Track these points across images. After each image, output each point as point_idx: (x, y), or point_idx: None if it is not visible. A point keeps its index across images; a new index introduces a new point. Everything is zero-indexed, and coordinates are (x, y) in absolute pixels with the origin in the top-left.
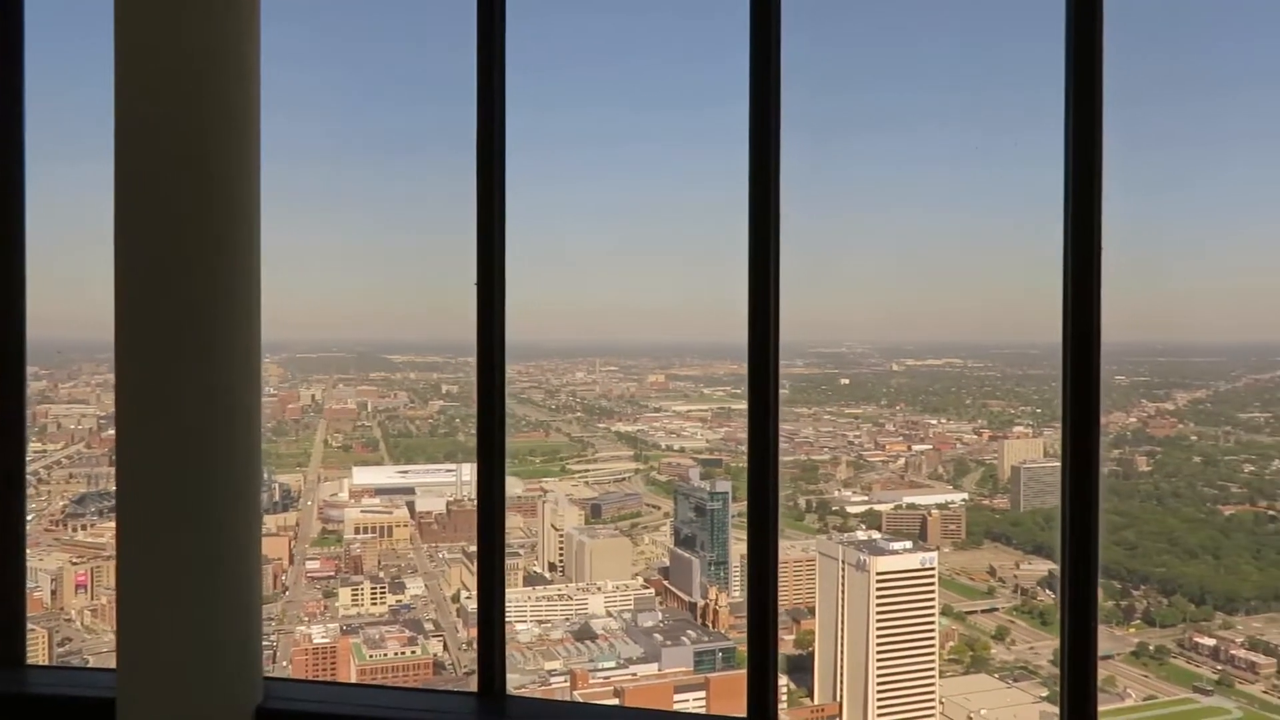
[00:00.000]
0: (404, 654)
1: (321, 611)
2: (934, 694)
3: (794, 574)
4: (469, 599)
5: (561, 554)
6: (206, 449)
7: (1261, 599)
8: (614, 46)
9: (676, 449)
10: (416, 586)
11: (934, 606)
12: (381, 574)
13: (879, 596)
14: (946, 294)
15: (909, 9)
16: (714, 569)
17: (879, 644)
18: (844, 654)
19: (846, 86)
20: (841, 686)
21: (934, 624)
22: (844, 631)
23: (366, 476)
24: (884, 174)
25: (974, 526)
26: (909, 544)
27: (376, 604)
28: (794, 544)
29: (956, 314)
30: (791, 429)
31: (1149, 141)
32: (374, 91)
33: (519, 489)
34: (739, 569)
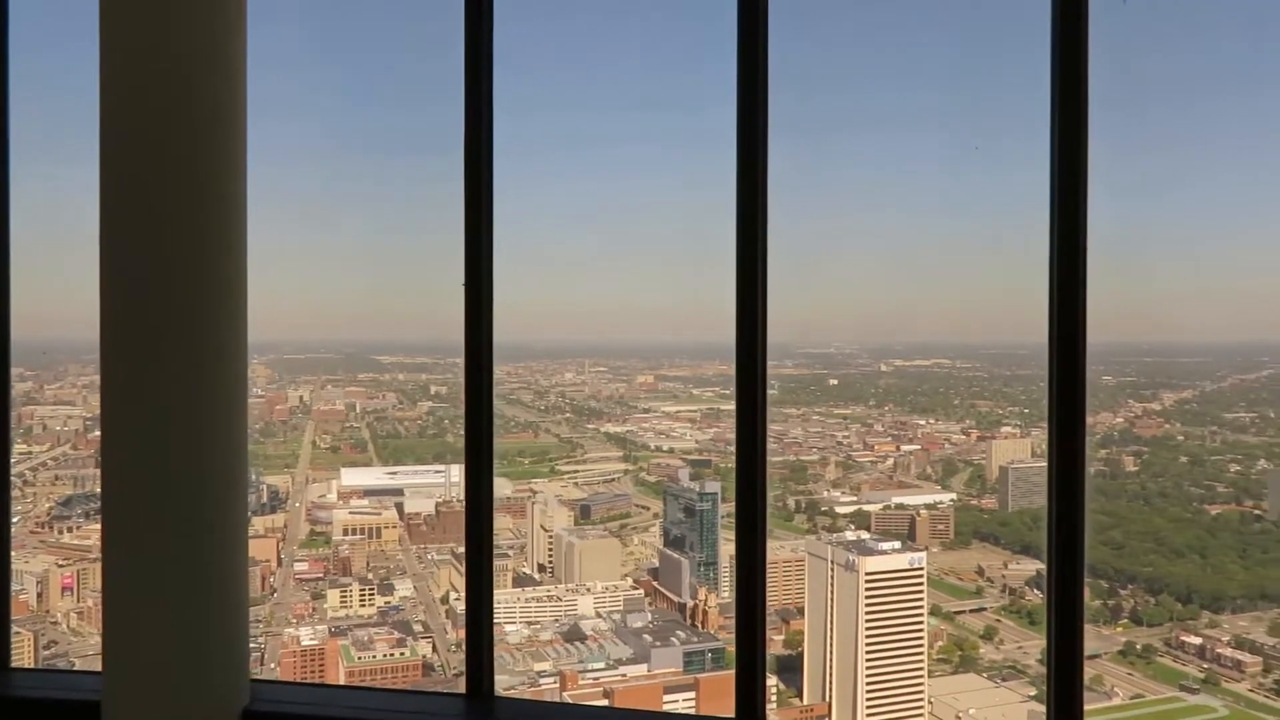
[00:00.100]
0: (393, 656)
1: (310, 613)
2: (923, 694)
3: (783, 574)
4: (458, 600)
5: (551, 555)
6: (192, 450)
7: (1247, 598)
8: (603, 49)
9: (666, 450)
10: (405, 588)
11: (923, 606)
12: (370, 575)
13: (868, 597)
14: (935, 295)
15: (897, 11)
16: (703, 570)
17: (868, 644)
18: (833, 654)
19: (834, 88)
20: (831, 686)
21: (923, 624)
22: (833, 631)
23: (355, 478)
24: (872, 175)
25: (962, 526)
26: (898, 544)
27: (365, 606)
28: (783, 544)
29: (944, 315)
30: (780, 429)
31: (1135, 144)
32: (361, 93)
33: (508, 490)
34: (728, 570)
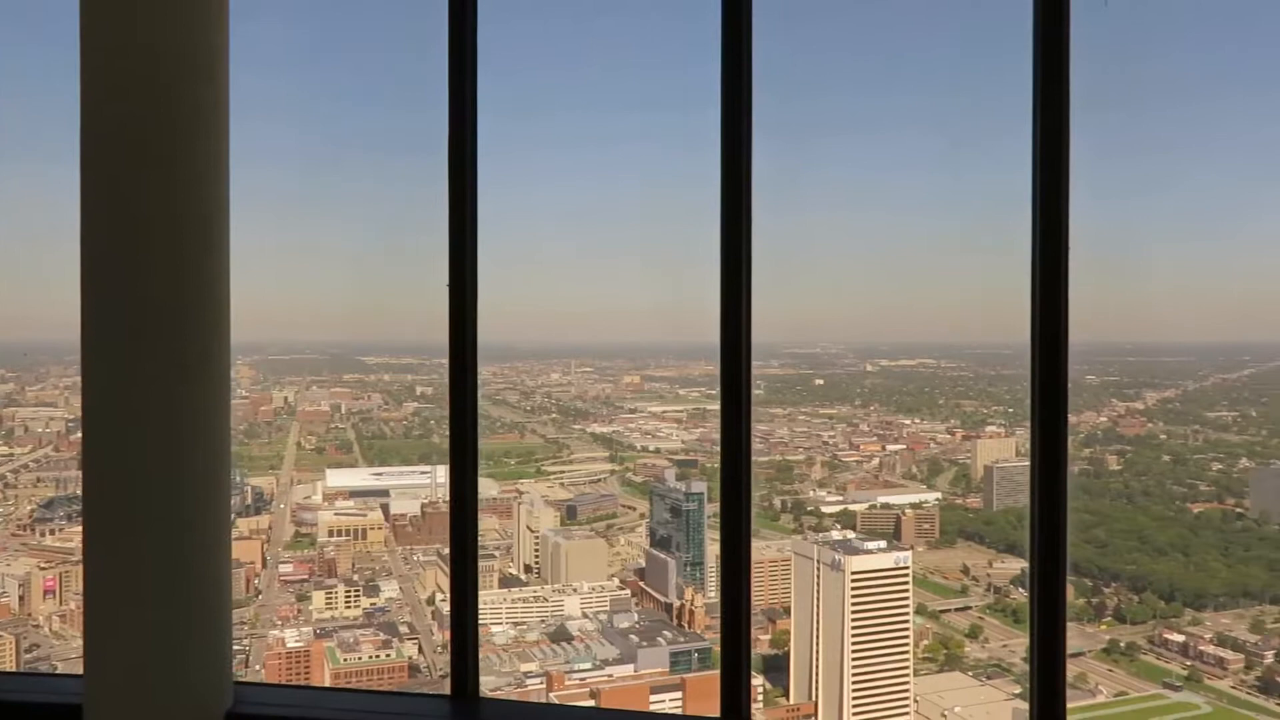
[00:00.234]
0: (379, 657)
1: (295, 615)
2: (908, 692)
3: (770, 574)
4: (444, 602)
5: (537, 556)
6: (175, 452)
7: (1229, 595)
8: (588, 50)
9: (652, 450)
10: (391, 589)
11: (908, 605)
12: (356, 577)
13: (854, 596)
14: (920, 295)
15: (883, 15)
16: (690, 569)
17: (854, 643)
18: (819, 653)
19: (820, 91)
20: (817, 685)
21: (908, 623)
22: (819, 631)
23: (340, 479)
24: (857, 177)
25: (947, 526)
26: (883, 543)
27: (351, 607)
28: (769, 544)
29: (930, 315)
30: (767, 429)
31: (1119, 146)
32: (347, 95)
33: (494, 491)
34: (715, 569)
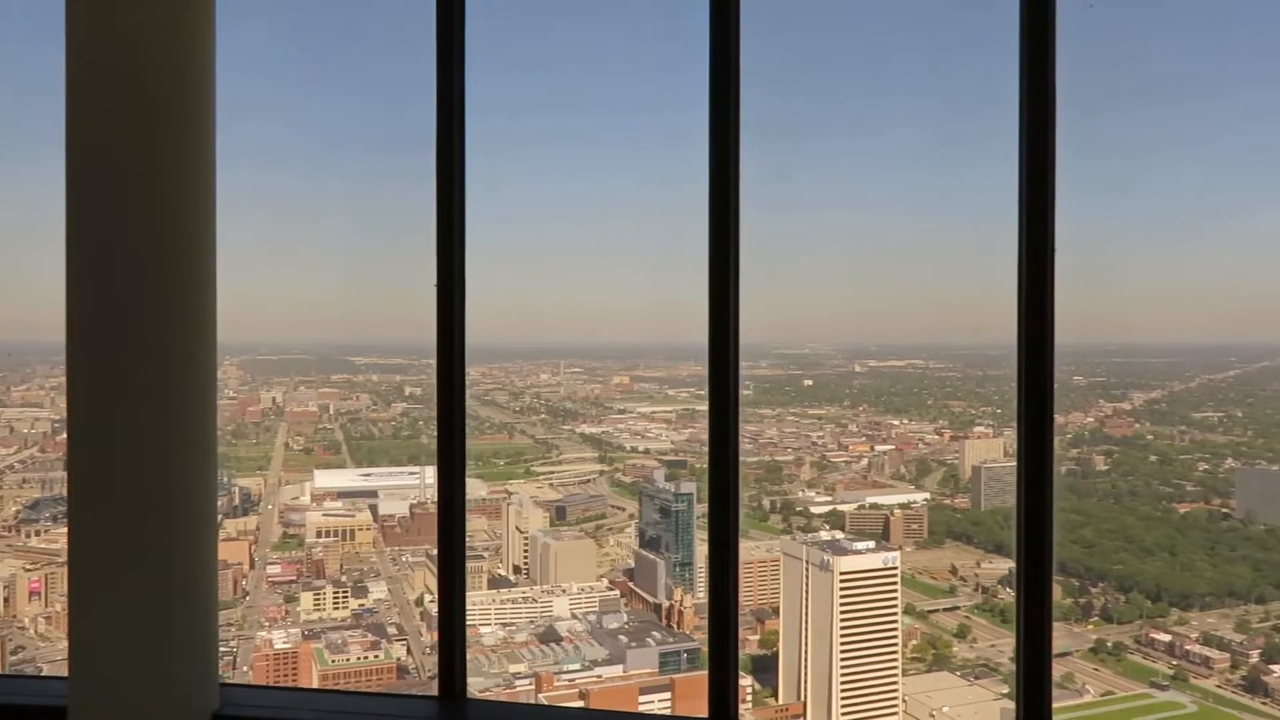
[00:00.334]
0: (367, 659)
1: (283, 616)
2: (897, 692)
3: (759, 574)
4: (433, 602)
5: (526, 556)
6: (160, 452)
7: (1215, 595)
8: (578, 51)
9: (641, 450)
10: (380, 590)
11: (897, 605)
12: (344, 578)
13: (842, 596)
14: (908, 296)
15: (870, 16)
16: (679, 570)
17: (843, 643)
18: (808, 653)
19: (808, 91)
20: (806, 686)
21: (897, 623)
22: (808, 631)
23: (328, 479)
24: (846, 177)
25: (936, 526)
26: (872, 544)
27: (339, 608)
28: (758, 544)
29: (918, 316)
30: (755, 430)
31: (1104, 147)
32: (336, 95)
33: (483, 491)
34: (704, 570)
